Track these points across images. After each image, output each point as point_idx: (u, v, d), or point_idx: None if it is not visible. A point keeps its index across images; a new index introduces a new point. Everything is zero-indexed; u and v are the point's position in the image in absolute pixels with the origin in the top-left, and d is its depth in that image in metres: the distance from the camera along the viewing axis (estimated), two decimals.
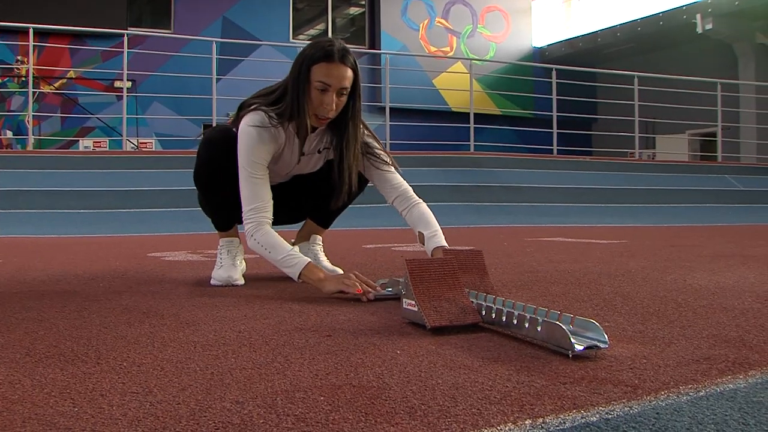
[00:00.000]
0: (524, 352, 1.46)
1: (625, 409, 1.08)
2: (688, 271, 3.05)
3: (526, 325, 1.56)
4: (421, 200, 2.59)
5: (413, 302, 1.74)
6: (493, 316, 1.70)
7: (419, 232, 2.51)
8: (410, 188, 2.60)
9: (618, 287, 2.54)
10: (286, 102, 2.38)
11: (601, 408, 1.08)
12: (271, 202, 2.41)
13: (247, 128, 2.38)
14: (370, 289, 2.20)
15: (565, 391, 1.17)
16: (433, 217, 2.57)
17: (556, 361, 1.38)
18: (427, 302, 1.72)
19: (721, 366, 1.34)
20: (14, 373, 1.30)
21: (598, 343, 1.44)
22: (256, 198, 2.37)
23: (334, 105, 2.33)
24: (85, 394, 1.16)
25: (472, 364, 1.36)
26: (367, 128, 2.58)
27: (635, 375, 1.28)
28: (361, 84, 2.45)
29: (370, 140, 2.58)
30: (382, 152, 2.60)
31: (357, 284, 2.20)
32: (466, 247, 2.61)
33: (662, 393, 1.16)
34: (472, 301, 1.78)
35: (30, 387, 1.21)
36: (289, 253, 2.32)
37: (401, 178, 2.62)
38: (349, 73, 2.33)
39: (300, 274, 2.29)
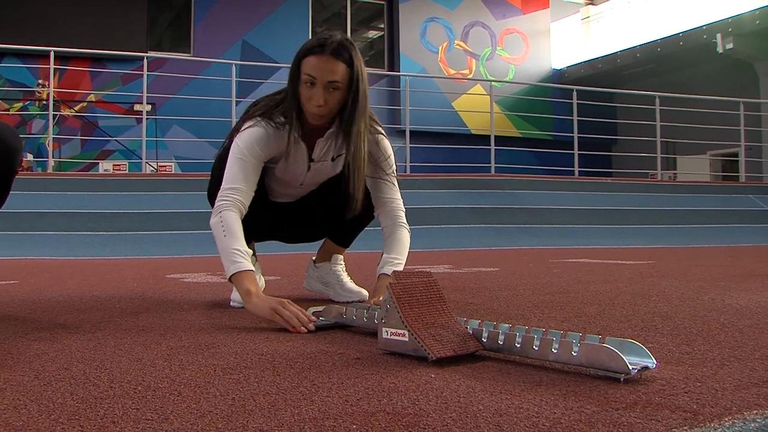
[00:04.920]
0: (567, 377, 1.36)
1: None
2: (724, 291, 2.94)
3: (554, 349, 1.42)
4: (406, 225, 2.44)
5: (403, 331, 1.54)
6: (500, 342, 1.52)
7: (382, 253, 2.38)
8: (402, 209, 2.46)
9: (654, 307, 2.43)
10: (288, 101, 2.27)
11: None
12: (252, 195, 2.25)
13: (254, 127, 2.28)
14: (307, 320, 1.93)
15: (619, 417, 1.07)
16: (406, 247, 2.41)
17: (603, 385, 1.28)
18: (424, 330, 1.53)
19: None
20: (20, 397, 1.21)
21: (646, 364, 1.34)
22: (240, 180, 2.23)
23: (321, 99, 2.18)
24: (95, 421, 1.07)
25: (514, 389, 1.25)
26: (380, 129, 2.46)
27: (692, 399, 1.17)
28: (365, 82, 2.28)
29: (378, 144, 2.45)
30: (389, 159, 2.46)
31: (293, 318, 1.92)
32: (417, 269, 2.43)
33: (726, 419, 1.06)
34: (467, 327, 1.60)
35: (36, 413, 1.11)
36: (241, 250, 2.11)
37: (398, 195, 2.47)
38: (341, 67, 2.18)
39: (232, 276, 2.09)
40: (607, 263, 4.97)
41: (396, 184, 2.48)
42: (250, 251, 2.21)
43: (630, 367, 1.29)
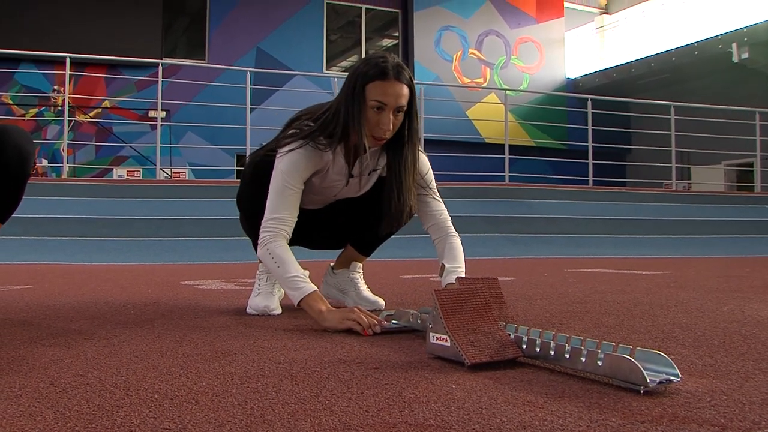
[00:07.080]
0: (590, 388, 1.33)
1: None
2: (744, 302, 2.91)
3: (583, 359, 1.42)
4: (456, 234, 2.49)
5: (445, 336, 1.58)
6: (538, 349, 1.54)
7: (442, 263, 2.41)
8: (449, 219, 2.52)
9: (674, 318, 2.40)
10: (339, 122, 2.26)
11: None
12: (295, 220, 2.30)
13: (297, 150, 2.29)
14: (375, 322, 2.03)
15: (645, 431, 1.05)
16: (462, 253, 2.46)
17: (627, 397, 1.25)
18: (463, 336, 1.57)
19: None
20: (36, 404, 1.20)
21: (670, 377, 1.32)
22: (283, 209, 2.27)
23: (391, 125, 2.21)
24: (112, 430, 1.05)
25: (536, 401, 1.23)
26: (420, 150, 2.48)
27: (719, 413, 1.15)
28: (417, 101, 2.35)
29: (420, 163, 2.48)
30: (427, 174, 2.52)
31: (363, 318, 2.03)
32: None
33: None
34: (509, 334, 1.63)
35: (52, 420, 1.10)
36: (298, 275, 2.20)
37: (443, 207, 2.53)
38: (405, 90, 2.21)
39: (301, 300, 2.16)
40: (623, 273, 4.93)
41: (438, 196, 2.55)
42: (302, 270, 2.25)
43: (648, 380, 1.27)
